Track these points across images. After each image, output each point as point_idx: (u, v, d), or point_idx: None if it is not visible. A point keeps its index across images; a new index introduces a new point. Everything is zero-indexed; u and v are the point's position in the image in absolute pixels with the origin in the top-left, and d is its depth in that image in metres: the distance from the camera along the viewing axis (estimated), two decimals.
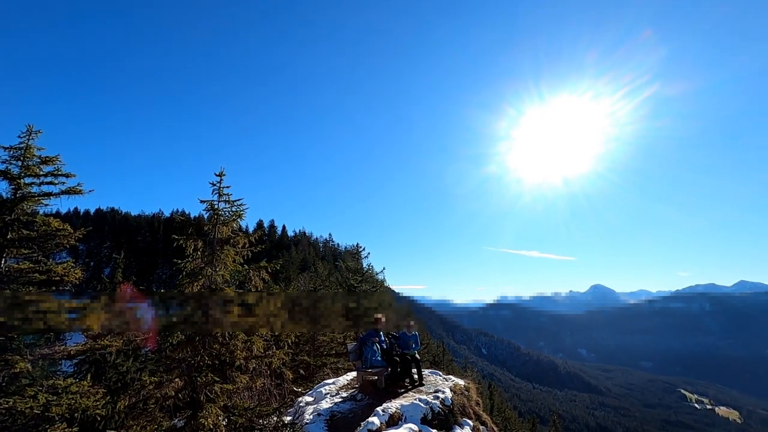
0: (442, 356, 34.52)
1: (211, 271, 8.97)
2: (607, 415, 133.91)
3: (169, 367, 8.60)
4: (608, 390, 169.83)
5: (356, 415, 8.66)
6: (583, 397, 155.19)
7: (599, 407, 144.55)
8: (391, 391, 9.87)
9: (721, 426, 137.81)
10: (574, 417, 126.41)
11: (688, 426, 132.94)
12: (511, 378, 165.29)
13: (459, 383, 10.53)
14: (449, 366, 33.78)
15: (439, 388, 9.74)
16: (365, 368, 10.33)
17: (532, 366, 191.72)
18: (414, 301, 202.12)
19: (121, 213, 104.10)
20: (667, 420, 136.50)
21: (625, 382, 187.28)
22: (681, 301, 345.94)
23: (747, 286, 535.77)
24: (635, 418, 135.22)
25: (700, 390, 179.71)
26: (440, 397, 9.18)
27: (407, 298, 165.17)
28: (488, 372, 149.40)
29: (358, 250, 20.32)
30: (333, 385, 10.89)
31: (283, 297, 10.90)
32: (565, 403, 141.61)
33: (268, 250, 66.43)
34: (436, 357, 32.62)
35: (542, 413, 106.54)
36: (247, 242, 9.67)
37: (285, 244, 79.21)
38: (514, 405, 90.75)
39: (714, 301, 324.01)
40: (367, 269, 19.91)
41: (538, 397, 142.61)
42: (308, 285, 21.58)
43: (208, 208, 9.32)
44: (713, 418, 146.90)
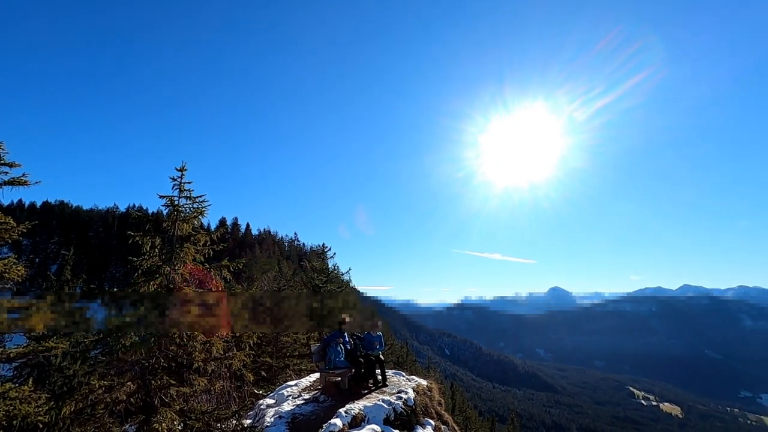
0: (405, 357, 34.77)
1: (169, 269, 8.61)
2: (562, 413, 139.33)
3: (121, 370, 8.17)
4: (563, 388, 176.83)
5: (318, 416, 8.56)
6: (540, 396, 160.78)
7: (555, 405, 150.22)
8: (354, 392, 9.83)
9: (664, 421, 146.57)
10: (532, 415, 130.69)
11: (634, 421, 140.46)
12: (472, 378, 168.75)
13: (422, 383, 10.63)
14: (413, 366, 34.06)
15: (403, 389, 9.79)
16: (329, 369, 10.23)
17: (492, 366, 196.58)
18: (379, 301, 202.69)
19: (72, 207, 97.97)
20: (616, 416, 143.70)
21: (579, 381, 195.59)
22: (631, 303, 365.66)
23: (690, 289, 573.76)
24: (587, 415, 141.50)
25: (647, 387, 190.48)
26: (403, 397, 9.23)
27: (373, 298, 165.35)
28: (451, 372, 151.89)
29: (324, 250, 20.10)
30: (295, 386, 10.72)
31: (246, 297, 10.62)
32: (523, 402, 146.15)
33: (230, 249, 64.43)
34: (399, 358, 32.81)
35: (501, 412, 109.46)
36: (208, 240, 9.35)
37: (249, 242, 77.23)
38: (475, 404, 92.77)
39: (660, 304, 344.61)
40: (332, 269, 19.73)
41: (497, 396, 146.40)
42: (272, 285, 21.12)
43: (168, 203, 8.94)
44: (657, 413, 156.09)
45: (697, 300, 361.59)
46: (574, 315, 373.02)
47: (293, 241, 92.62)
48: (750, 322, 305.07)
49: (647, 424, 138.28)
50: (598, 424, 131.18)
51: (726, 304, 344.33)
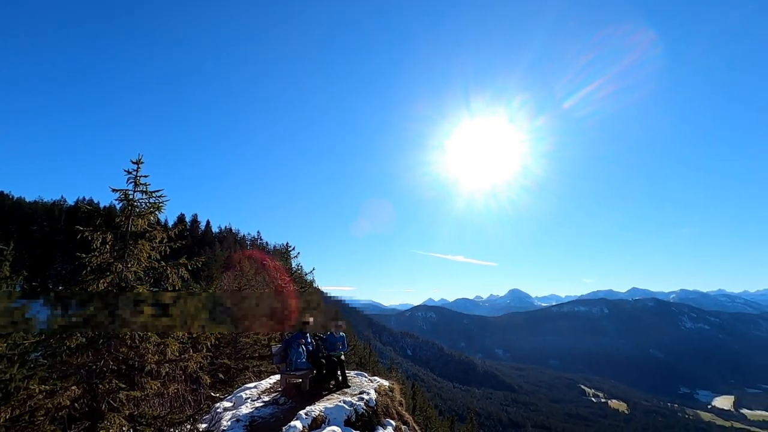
0: (368, 357, 34.77)
1: (121, 267, 8.18)
2: (519, 411, 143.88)
3: (65, 374, 7.67)
4: (520, 387, 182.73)
5: (278, 419, 8.38)
6: (498, 395, 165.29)
7: (512, 404, 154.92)
8: (315, 393, 9.71)
9: (612, 417, 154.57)
10: (490, 413, 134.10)
11: (585, 418, 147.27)
12: (433, 378, 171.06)
13: (384, 384, 10.65)
14: (375, 367, 34.10)
15: (364, 390, 9.78)
16: (290, 371, 10.06)
17: (453, 366, 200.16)
18: (343, 302, 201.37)
19: (12, 198, 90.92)
20: (569, 413, 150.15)
21: (535, 380, 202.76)
22: (584, 305, 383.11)
23: (637, 292, 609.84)
24: (542, 412, 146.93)
25: (597, 385, 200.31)
26: (365, 398, 9.22)
27: (336, 299, 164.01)
28: (412, 372, 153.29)
29: (287, 250, 19.80)
30: (254, 389, 10.45)
31: (204, 296, 10.26)
32: (482, 401, 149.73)
33: (189, 246, 62.04)
34: (362, 358, 32.78)
35: (461, 411, 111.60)
36: (165, 237, 8.97)
37: (209, 240, 74.71)
38: (436, 404, 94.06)
39: (611, 306, 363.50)
40: (296, 269, 19.45)
41: (457, 396, 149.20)
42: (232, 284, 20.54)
43: (122, 198, 8.50)
44: (606, 410, 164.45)
45: (644, 302, 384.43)
46: (532, 316, 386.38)
47: (256, 239, 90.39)
48: (690, 323, 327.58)
49: (596, 421, 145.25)
50: (551, 422, 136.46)
51: (669, 306, 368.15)
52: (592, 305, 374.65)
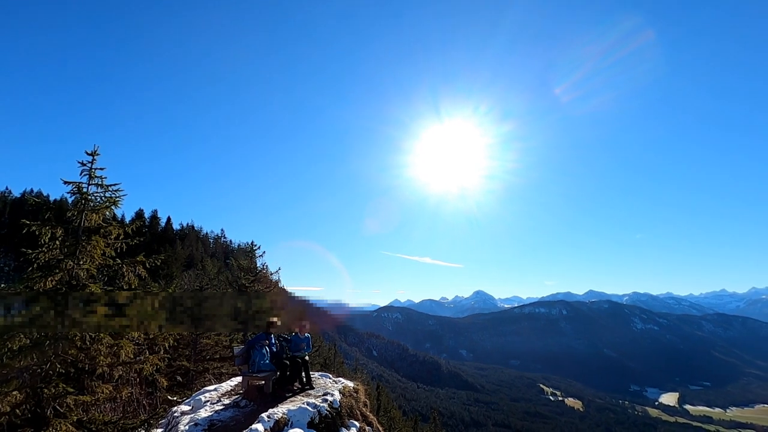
0: (333, 358, 34.54)
1: (72, 264, 7.72)
2: (480, 410, 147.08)
3: (6, 378, 7.15)
4: (482, 387, 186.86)
5: (239, 422, 8.16)
6: (460, 394, 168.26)
7: (474, 403, 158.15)
8: (279, 395, 9.52)
9: (568, 414, 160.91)
10: (452, 413, 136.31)
11: (543, 416, 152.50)
12: (398, 378, 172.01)
13: (348, 385, 10.59)
14: (340, 368, 33.93)
15: (329, 391, 9.68)
16: (252, 373, 9.81)
17: (418, 366, 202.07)
18: (309, 302, 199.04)
19: None
20: (528, 411, 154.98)
21: (497, 380, 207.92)
22: (544, 306, 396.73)
23: (594, 294, 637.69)
24: (503, 411, 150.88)
25: (555, 384, 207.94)
26: (329, 399, 9.13)
27: (302, 299, 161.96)
28: (377, 373, 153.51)
29: (252, 248, 19.31)
30: (215, 391, 10.12)
31: (163, 296, 9.84)
32: (445, 401, 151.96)
33: (147, 243, 59.50)
34: (327, 359, 32.53)
35: (424, 411, 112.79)
36: (122, 233, 8.54)
37: (169, 237, 71.81)
38: (400, 404, 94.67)
39: (569, 307, 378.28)
40: (261, 268, 19.01)
41: (421, 396, 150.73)
42: (194, 283, 19.83)
43: (75, 190, 8.03)
44: (563, 407, 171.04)
45: (599, 304, 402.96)
46: (494, 317, 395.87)
47: (219, 237, 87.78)
48: (640, 324, 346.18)
49: (553, 418, 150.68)
50: (511, 420, 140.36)
51: (622, 308, 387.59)
52: (552, 307, 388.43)
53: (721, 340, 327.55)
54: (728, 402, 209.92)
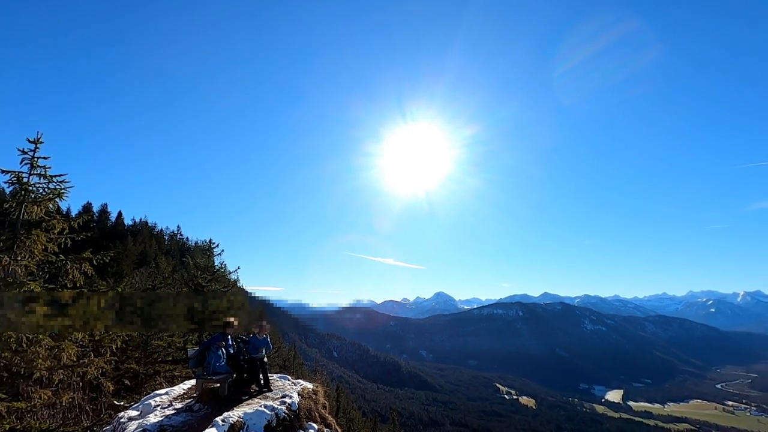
0: (292, 360, 33.97)
1: (8, 259, 7.13)
2: (438, 410, 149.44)
3: None
4: (441, 387, 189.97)
5: (191, 427, 7.83)
6: (420, 395, 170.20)
7: (433, 403, 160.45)
8: (235, 398, 9.23)
9: (522, 412, 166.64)
10: (411, 413, 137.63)
11: (498, 414, 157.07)
12: (358, 379, 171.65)
13: (308, 387, 10.44)
14: (299, 370, 33.42)
15: (287, 393, 9.50)
16: (207, 375, 9.46)
17: (378, 367, 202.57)
18: (269, 303, 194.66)
19: None
20: (484, 410, 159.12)
21: (455, 379, 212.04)
22: (502, 308, 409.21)
23: (548, 297, 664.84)
24: (460, 410, 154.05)
25: (510, 383, 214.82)
26: (287, 402, 8.95)
27: (262, 299, 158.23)
28: (338, 374, 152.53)
29: (210, 246, 18.61)
30: (166, 395, 9.66)
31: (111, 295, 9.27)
32: (404, 401, 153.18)
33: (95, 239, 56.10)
34: (286, 361, 31.94)
35: (384, 412, 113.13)
36: (66, 227, 7.99)
37: (120, 233, 67.92)
38: (359, 405, 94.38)
39: (525, 309, 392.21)
40: (219, 267, 18.35)
41: (381, 397, 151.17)
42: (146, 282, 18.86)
43: (14, 180, 7.43)
44: (517, 406, 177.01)
45: (553, 306, 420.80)
46: (454, 318, 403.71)
47: (175, 234, 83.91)
48: (590, 325, 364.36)
49: (508, 416, 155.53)
50: (468, 419, 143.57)
51: (574, 309, 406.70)
52: (509, 308, 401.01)
53: (661, 340, 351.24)
54: (666, 398, 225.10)
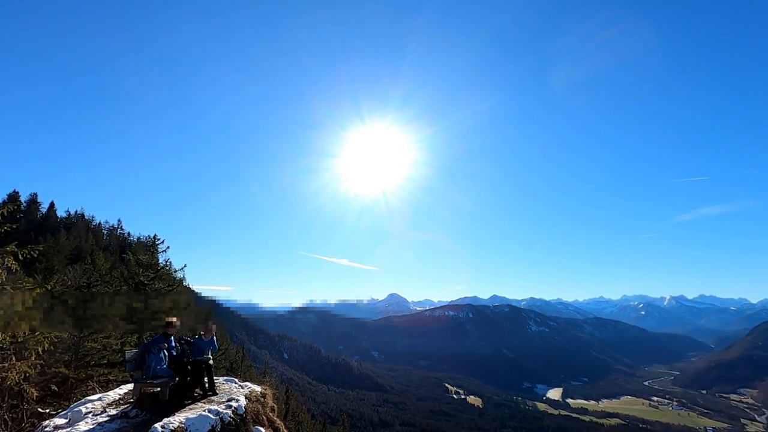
0: (240, 362, 32.87)
1: None
2: (389, 411, 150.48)
3: None
4: (392, 387, 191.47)
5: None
6: (370, 396, 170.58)
7: (383, 404, 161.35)
8: (177, 403, 8.75)
9: (469, 411, 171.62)
10: (362, 414, 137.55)
11: (446, 413, 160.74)
12: (309, 381, 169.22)
13: (255, 390, 10.12)
14: (248, 372, 32.37)
15: (233, 396, 9.15)
16: (146, 379, 8.90)
17: (329, 369, 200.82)
18: (217, 302, 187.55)
19: None
20: (433, 410, 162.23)
21: (406, 380, 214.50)
22: (453, 310, 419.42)
23: (497, 299, 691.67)
24: (410, 410, 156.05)
25: (458, 383, 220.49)
26: (233, 405, 8.62)
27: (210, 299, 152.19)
28: (287, 377, 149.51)
29: (154, 243, 17.54)
30: (99, 401, 8.98)
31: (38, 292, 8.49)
32: (355, 402, 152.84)
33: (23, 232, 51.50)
34: (234, 363, 30.83)
35: (334, 414, 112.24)
36: None
37: (51, 226, 62.58)
38: (309, 408, 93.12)
39: (475, 311, 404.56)
40: (163, 265, 17.35)
41: (331, 399, 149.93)
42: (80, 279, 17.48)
43: None
44: (465, 405, 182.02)
45: (501, 308, 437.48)
46: (407, 320, 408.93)
47: (115, 229, 78.50)
48: (534, 327, 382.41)
49: (456, 415, 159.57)
50: (417, 419, 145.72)
51: (520, 311, 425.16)
52: (460, 310, 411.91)
53: (598, 341, 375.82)
54: (601, 395, 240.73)
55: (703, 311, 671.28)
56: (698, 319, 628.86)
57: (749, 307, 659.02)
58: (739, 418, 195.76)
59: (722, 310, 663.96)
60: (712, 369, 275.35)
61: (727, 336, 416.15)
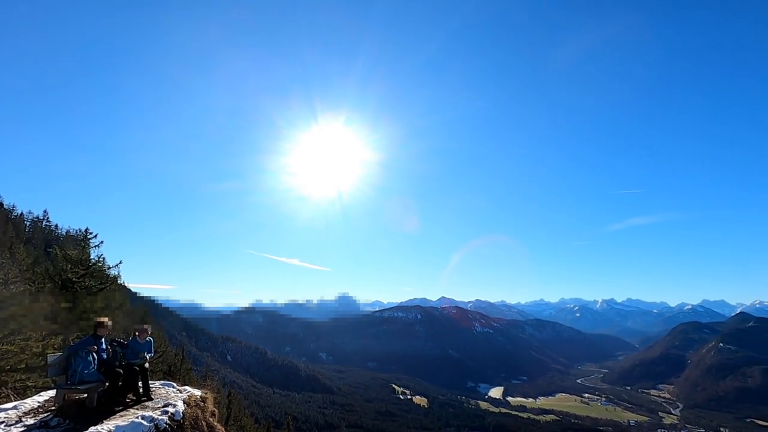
0: (179, 365, 31.17)
1: None
2: (335, 412, 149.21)
3: None
4: (339, 389, 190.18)
5: None
6: (317, 398, 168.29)
7: (330, 405, 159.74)
8: (107, 410, 8.12)
9: (415, 411, 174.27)
10: (307, 417, 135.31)
11: (392, 414, 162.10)
12: (253, 384, 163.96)
13: (195, 394, 9.64)
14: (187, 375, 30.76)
15: (171, 402, 8.66)
16: (71, 384, 8.18)
17: (275, 371, 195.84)
18: (156, 302, 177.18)
19: None
20: (379, 411, 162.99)
21: (353, 381, 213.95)
22: (402, 311, 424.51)
23: (445, 301, 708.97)
24: (356, 412, 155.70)
25: (405, 383, 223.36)
26: (170, 411, 8.15)
27: (147, 298, 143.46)
28: (231, 380, 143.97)
29: (86, 237, 16.19)
30: (14, 410, 8.12)
31: None
32: (300, 405, 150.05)
33: None
34: (172, 366, 29.18)
35: (278, 417, 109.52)
36: None
37: None
38: (253, 412, 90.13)
39: (423, 312, 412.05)
40: (95, 261, 16.05)
41: (276, 402, 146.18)
42: None
43: None
44: (410, 405, 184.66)
45: (448, 310, 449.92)
46: (356, 321, 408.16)
47: (40, 220, 71.67)
48: (480, 328, 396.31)
49: (402, 416, 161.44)
50: (364, 420, 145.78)
51: (467, 313, 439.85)
52: (409, 311, 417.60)
53: (537, 342, 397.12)
54: (539, 392, 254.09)
55: (630, 314, 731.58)
56: (626, 321, 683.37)
57: (669, 310, 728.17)
58: (658, 411, 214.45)
59: (646, 313, 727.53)
60: (636, 367, 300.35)
61: (650, 336, 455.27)
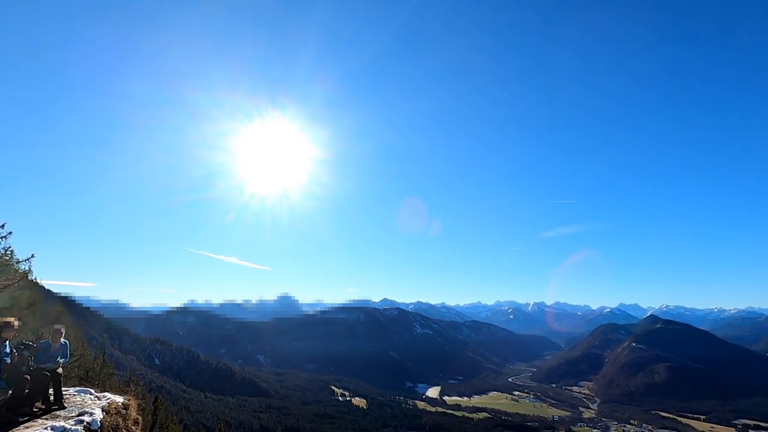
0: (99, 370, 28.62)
1: None
2: (271, 416, 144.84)
3: None
4: (276, 392, 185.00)
5: None
6: (252, 402, 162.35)
7: (266, 409, 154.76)
8: (9, 421, 7.27)
9: (354, 412, 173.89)
10: (241, 422, 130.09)
11: (331, 416, 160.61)
12: (183, 389, 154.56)
13: (116, 401, 8.91)
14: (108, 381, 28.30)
15: (87, 410, 7.93)
16: None
17: (208, 374, 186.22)
18: (74, 301, 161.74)
19: None
20: (317, 413, 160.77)
21: (291, 384, 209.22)
22: (345, 312, 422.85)
23: (387, 302, 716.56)
24: (294, 415, 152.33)
25: (345, 385, 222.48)
26: (85, 420, 7.46)
27: (64, 297, 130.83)
28: (158, 384, 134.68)
29: None
30: None
31: None
32: (234, 410, 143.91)
33: None
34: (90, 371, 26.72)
35: (210, 423, 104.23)
36: None
37: None
38: (182, 418, 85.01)
39: (366, 314, 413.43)
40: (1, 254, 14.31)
41: (208, 407, 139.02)
42: None
43: None
44: (350, 406, 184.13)
45: (390, 311, 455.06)
46: (297, 322, 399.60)
47: None
48: (420, 329, 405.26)
49: (340, 417, 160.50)
50: (301, 423, 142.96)
51: (408, 315, 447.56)
52: (351, 313, 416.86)
53: (473, 342, 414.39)
54: (473, 391, 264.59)
55: (558, 316, 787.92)
56: (553, 323, 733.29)
57: (591, 312, 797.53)
58: (579, 406, 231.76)
59: (571, 315, 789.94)
60: (561, 365, 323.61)
61: (574, 337, 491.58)
